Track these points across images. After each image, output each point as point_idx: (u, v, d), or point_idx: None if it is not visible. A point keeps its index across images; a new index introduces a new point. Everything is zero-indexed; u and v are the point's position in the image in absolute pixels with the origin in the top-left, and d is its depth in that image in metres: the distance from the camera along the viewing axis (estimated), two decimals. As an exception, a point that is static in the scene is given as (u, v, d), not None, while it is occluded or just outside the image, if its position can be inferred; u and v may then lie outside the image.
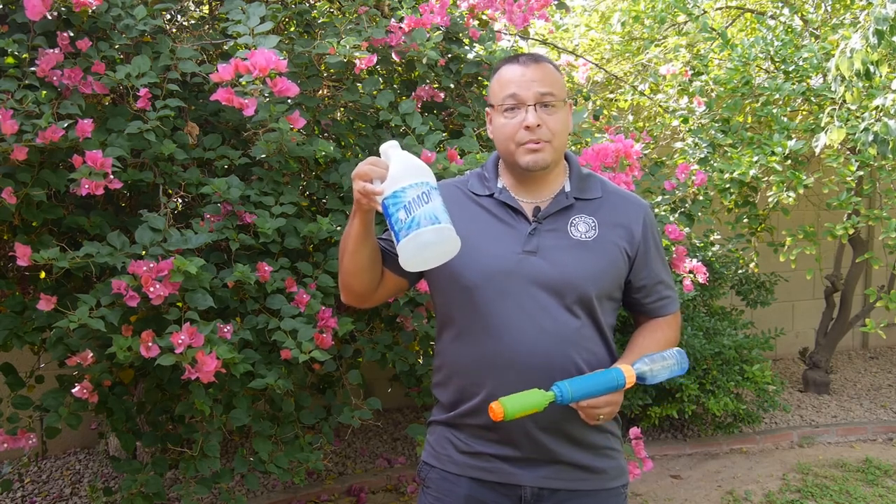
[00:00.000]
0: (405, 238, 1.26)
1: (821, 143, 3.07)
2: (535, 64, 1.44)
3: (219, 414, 2.29)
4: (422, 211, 1.26)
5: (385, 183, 1.30)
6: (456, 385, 1.48)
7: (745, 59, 3.64)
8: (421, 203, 1.27)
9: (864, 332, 5.74)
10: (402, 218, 1.26)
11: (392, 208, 1.28)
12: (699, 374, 3.80)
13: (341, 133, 2.72)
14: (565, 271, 1.41)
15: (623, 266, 1.48)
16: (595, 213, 1.48)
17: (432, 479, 1.53)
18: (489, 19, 2.86)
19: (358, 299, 1.53)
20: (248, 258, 2.30)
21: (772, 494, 3.45)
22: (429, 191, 1.29)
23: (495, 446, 1.45)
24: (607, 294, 1.47)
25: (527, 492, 1.45)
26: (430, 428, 1.59)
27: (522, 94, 1.41)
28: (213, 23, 2.82)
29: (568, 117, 1.47)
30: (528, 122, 1.40)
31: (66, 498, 3.40)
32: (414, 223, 1.26)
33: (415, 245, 1.26)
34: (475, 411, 1.44)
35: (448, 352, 1.50)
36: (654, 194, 3.07)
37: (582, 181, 1.51)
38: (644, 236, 1.50)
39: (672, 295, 1.57)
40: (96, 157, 1.95)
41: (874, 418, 4.40)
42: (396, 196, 1.27)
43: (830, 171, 3.64)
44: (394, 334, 2.66)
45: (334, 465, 3.78)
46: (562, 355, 1.40)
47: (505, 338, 1.41)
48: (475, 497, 1.46)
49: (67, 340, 2.11)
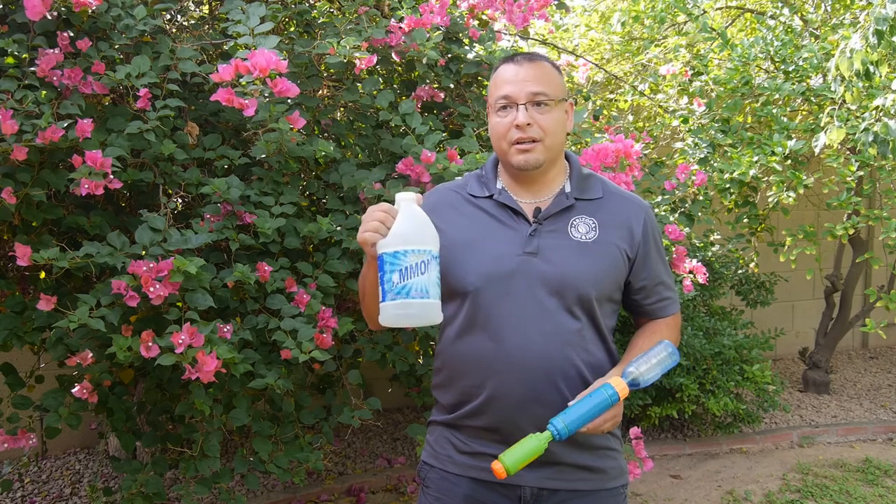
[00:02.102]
0: (392, 301, 1.26)
1: (821, 143, 3.07)
2: (529, 63, 1.44)
3: (219, 414, 2.29)
4: (416, 280, 1.26)
5: (388, 237, 1.28)
6: (457, 386, 1.48)
7: (745, 59, 3.64)
8: (417, 272, 1.26)
9: (864, 332, 5.75)
10: (394, 280, 1.26)
11: (388, 265, 1.27)
12: (699, 374, 3.80)
13: (341, 133, 2.72)
14: (566, 272, 1.41)
15: (623, 267, 1.47)
16: (595, 214, 1.47)
17: (432, 479, 1.53)
18: (489, 19, 2.86)
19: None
20: (248, 258, 2.30)
21: (772, 494, 3.45)
22: (429, 260, 1.28)
23: (496, 447, 1.45)
24: (608, 295, 1.46)
25: (526, 492, 1.45)
26: (429, 428, 1.59)
27: (514, 93, 1.42)
28: (213, 23, 2.82)
29: (564, 116, 1.47)
30: (518, 120, 1.41)
31: (66, 498, 3.40)
32: (405, 290, 1.25)
33: (399, 312, 1.27)
34: (476, 412, 1.45)
35: (449, 353, 1.50)
36: (654, 194, 3.07)
37: (583, 181, 1.51)
38: (644, 237, 1.49)
39: (672, 296, 1.57)
40: (96, 157, 1.95)
41: (874, 418, 4.40)
42: (396, 256, 1.27)
43: (830, 171, 3.64)
44: (394, 334, 2.65)
45: (334, 465, 3.78)
46: (562, 357, 1.40)
47: (506, 339, 1.41)
48: (475, 497, 1.47)
49: (67, 340, 2.11)
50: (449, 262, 1.42)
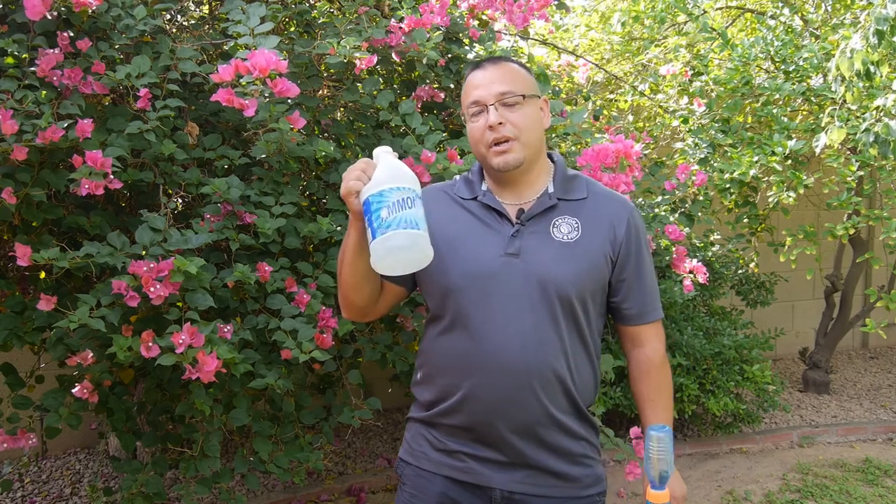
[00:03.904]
0: (381, 236, 1.28)
1: (821, 143, 3.07)
2: (494, 66, 1.45)
3: (219, 414, 2.29)
4: (402, 214, 1.28)
5: (371, 183, 1.32)
6: (435, 384, 1.48)
7: (745, 59, 3.64)
8: (405, 206, 1.29)
9: (864, 332, 5.75)
10: (383, 216, 1.28)
11: (374, 206, 1.29)
12: (699, 374, 3.80)
13: (341, 133, 2.72)
14: (546, 273, 1.41)
15: (605, 267, 1.46)
16: (578, 214, 1.47)
17: (408, 475, 1.54)
18: (489, 19, 2.85)
19: (360, 313, 1.55)
20: (248, 258, 2.30)
21: (772, 494, 3.45)
22: (413, 197, 1.31)
23: (470, 445, 1.45)
24: (590, 296, 1.45)
25: (497, 494, 1.44)
26: (407, 425, 1.60)
27: (483, 96, 1.43)
28: (213, 23, 2.82)
29: (538, 113, 1.47)
30: (490, 121, 1.42)
31: (66, 498, 3.40)
32: (393, 223, 1.27)
33: (387, 246, 1.28)
34: (451, 411, 1.45)
35: (429, 351, 1.51)
36: (654, 194, 3.07)
37: (567, 182, 1.51)
38: (627, 237, 1.48)
39: (654, 302, 1.55)
40: (96, 157, 1.95)
41: (874, 418, 4.40)
42: (382, 195, 1.29)
43: (831, 171, 3.64)
44: (394, 334, 2.65)
45: (334, 465, 3.78)
46: (540, 360, 1.40)
47: (484, 339, 1.41)
48: (448, 495, 1.47)
49: (67, 340, 2.11)
50: (435, 259, 1.43)
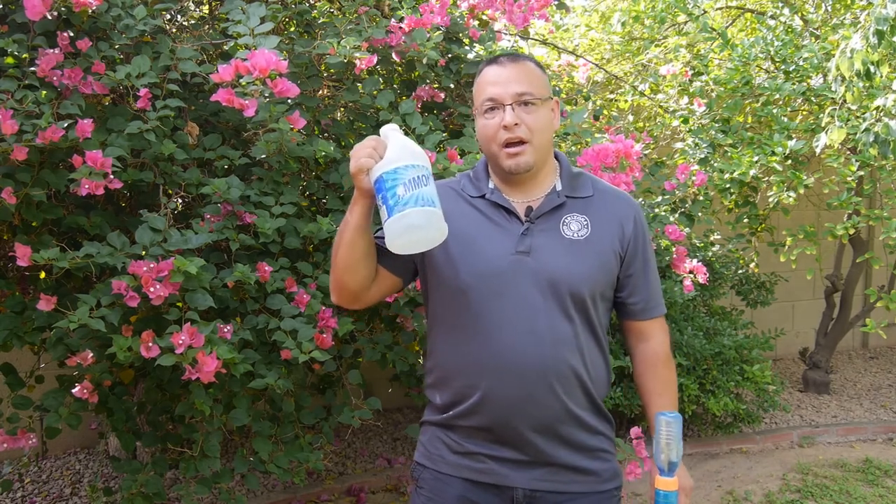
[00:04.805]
0: (398, 213, 1.25)
1: (821, 143, 3.07)
2: (513, 63, 1.44)
3: (219, 414, 2.29)
4: (419, 191, 1.26)
5: (384, 160, 1.29)
6: (451, 387, 1.47)
7: (745, 59, 3.64)
8: (419, 185, 1.27)
9: (864, 332, 5.74)
10: (399, 193, 1.26)
11: (389, 183, 1.27)
12: (699, 374, 3.80)
13: (341, 133, 2.72)
14: (558, 271, 1.41)
15: (615, 263, 1.47)
16: (586, 211, 1.47)
17: (425, 479, 1.52)
18: (489, 19, 2.85)
19: (351, 298, 1.47)
20: (248, 258, 2.30)
21: (772, 494, 3.45)
22: (427, 175, 1.29)
23: (488, 447, 1.45)
24: (600, 293, 1.46)
25: (519, 493, 1.44)
26: (422, 428, 1.58)
27: (500, 94, 1.41)
28: (213, 23, 2.82)
29: (550, 115, 1.46)
30: (505, 121, 1.40)
31: (66, 498, 3.40)
32: (410, 201, 1.25)
33: (404, 223, 1.26)
34: (469, 412, 1.44)
35: (441, 353, 1.49)
36: (654, 194, 3.07)
37: (573, 179, 1.51)
38: (635, 233, 1.50)
39: (658, 298, 1.56)
40: (96, 157, 1.95)
41: (874, 418, 4.40)
42: (397, 172, 1.27)
43: (831, 171, 3.64)
44: (394, 334, 2.65)
45: (334, 465, 3.78)
46: (556, 357, 1.40)
47: (498, 339, 1.40)
48: (468, 497, 1.46)
49: (67, 340, 2.11)
50: (443, 257, 1.42)
